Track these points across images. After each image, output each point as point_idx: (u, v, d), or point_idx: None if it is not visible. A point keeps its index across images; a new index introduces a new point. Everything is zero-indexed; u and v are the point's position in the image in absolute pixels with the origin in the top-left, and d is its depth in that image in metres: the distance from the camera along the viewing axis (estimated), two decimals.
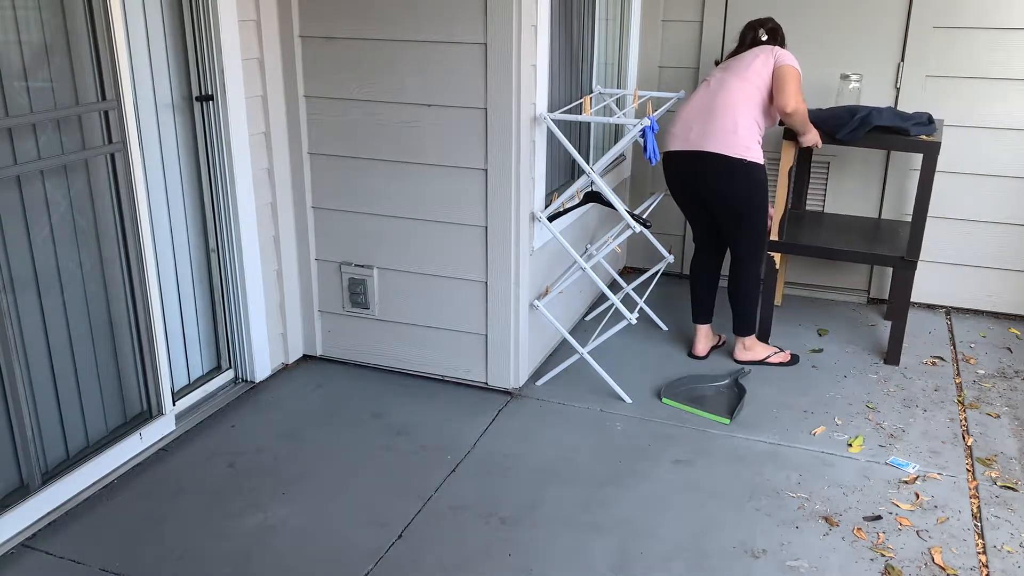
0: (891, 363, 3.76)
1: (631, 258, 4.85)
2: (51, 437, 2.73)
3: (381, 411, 3.34)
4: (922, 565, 2.52)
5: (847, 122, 3.65)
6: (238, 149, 3.17)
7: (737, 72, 3.47)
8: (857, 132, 3.63)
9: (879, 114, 3.64)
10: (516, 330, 3.38)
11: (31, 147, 2.51)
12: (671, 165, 3.59)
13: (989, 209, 4.18)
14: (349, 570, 2.47)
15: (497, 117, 3.11)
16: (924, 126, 3.64)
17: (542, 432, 3.21)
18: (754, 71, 3.44)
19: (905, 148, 3.68)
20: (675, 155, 3.55)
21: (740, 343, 3.75)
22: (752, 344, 3.74)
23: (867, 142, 3.67)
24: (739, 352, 3.75)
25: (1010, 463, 3.04)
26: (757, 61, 3.46)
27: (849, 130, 3.63)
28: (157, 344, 2.97)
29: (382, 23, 3.17)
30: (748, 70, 3.45)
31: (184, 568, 2.47)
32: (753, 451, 3.09)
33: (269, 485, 2.86)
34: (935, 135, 3.63)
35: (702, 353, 3.81)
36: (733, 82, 3.45)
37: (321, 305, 3.66)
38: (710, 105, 3.46)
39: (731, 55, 3.63)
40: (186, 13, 3.00)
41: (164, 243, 3.11)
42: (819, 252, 3.83)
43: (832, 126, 3.68)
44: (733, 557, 2.54)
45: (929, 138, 3.59)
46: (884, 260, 3.76)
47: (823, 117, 3.74)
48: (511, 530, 2.65)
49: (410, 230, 3.40)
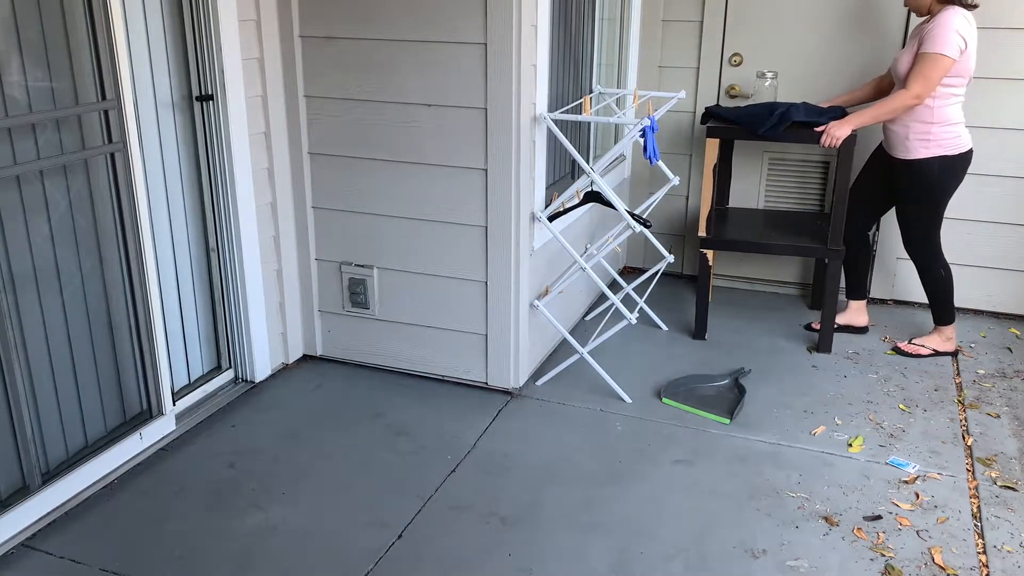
0: (823, 351, 3.88)
1: (631, 258, 4.85)
2: (51, 437, 2.73)
3: (381, 411, 3.34)
4: (922, 565, 2.52)
5: (766, 119, 3.76)
6: (238, 149, 3.17)
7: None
8: (777, 128, 3.74)
9: (796, 110, 3.77)
10: (516, 330, 3.38)
11: (31, 147, 2.51)
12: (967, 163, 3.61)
13: (989, 209, 4.18)
14: (349, 570, 2.47)
15: (497, 117, 3.11)
16: (838, 119, 3.77)
17: (542, 432, 3.21)
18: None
19: (820, 140, 3.77)
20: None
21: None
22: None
23: (787, 137, 3.78)
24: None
25: (1010, 463, 3.04)
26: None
27: (769, 126, 3.74)
28: (157, 344, 2.97)
29: (382, 23, 3.17)
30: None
31: (184, 568, 2.47)
32: (753, 451, 3.09)
33: (269, 485, 2.86)
34: None
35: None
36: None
37: (321, 305, 3.66)
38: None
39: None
40: (186, 13, 3.00)
41: (164, 243, 3.11)
42: (748, 247, 3.97)
43: (752, 123, 3.80)
44: (733, 557, 2.54)
45: None
46: (809, 251, 3.91)
47: (742, 115, 3.87)
48: (511, 530, 2.65)
49: (410, 230, 3.40)
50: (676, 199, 4.67)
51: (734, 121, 3.89)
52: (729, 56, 4.40)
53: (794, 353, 3.87)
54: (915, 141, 3.52)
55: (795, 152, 4.41)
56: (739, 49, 4.38)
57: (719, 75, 4.44)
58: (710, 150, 3.90)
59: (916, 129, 3.51)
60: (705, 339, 4.00)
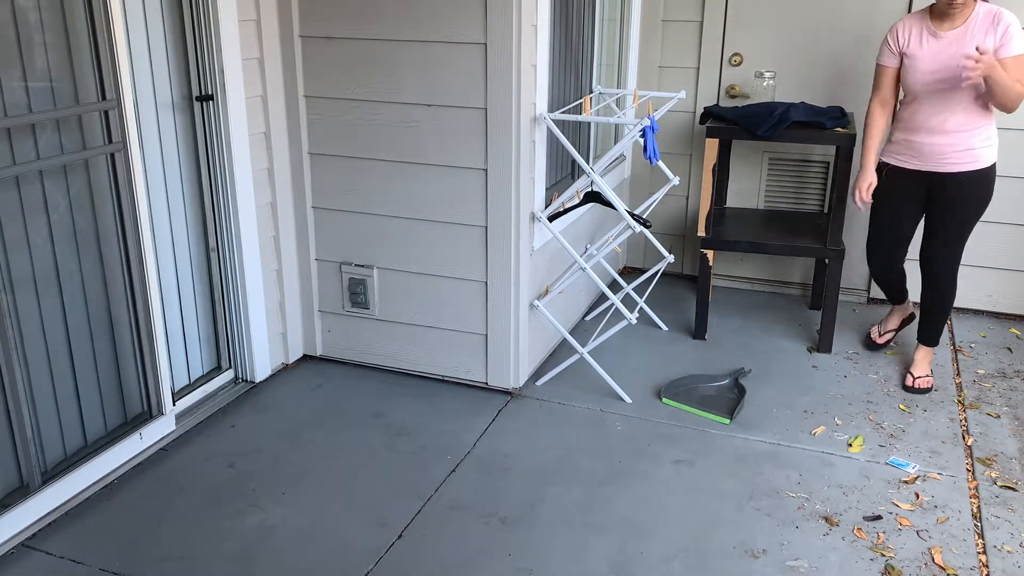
0: (823, 351, 3.87)
1: (631, 258, 4.85)
2: (51, 437, 2.73)
3: (381, 411, 3.34)
4: (922, 565, 2.52)
5: (766, 119, 3.77)
6: (238, 149, 3.17)
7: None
8: (776, 128, 3.74)
9: (796, 110, 3.80)
10: (516, 330, 3.38)
11: (31, 147, 2.51)
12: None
13: (989, 209, 4.16)
14: (349, 570, 2.47)
15: (497, 117, 3.11)
16: (838, 119, 3.81)
17: (542, 432, 3.21)
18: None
19: (821, 141, 3.83)
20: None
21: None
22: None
23: (787, 137, 3.79)
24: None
25: (1010, 463, 3.04)
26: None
27: (768, 126, 3.75)
28: (157, 344, 2.97)
29: (382, 23, 3.17)
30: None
31: (184, 568, 2.47)
32: (753, 451, 3.09)
33: (269, 485, 2.86)
34: (849, 127, 3.78)
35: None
36: None
37: (321, 305, 3.66)
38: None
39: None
40: (186, 13, 3.00)
41: (164, 243, 3.11)
42: (748, 247, 3.95)
43: (751, 123, 3.81)
44: (733, 557, 2.54)
45: (844, 130, 3.74)
46: (809, 251, 3.91)
47: (742, 115, 3.88)
48: (511, 530, 2.65)
49: (410, 230, 3.40)
50: (676, 199, 4.67)
51: (734, 121, 3.89)
52: (729, 56, 4.40)
53: (794, 353, 3.87)
54: (981, 149, 3.27)
55: (795, 152, 4.42)
56: (739, 49, 4.38)
57: (719, 75, 4.44)
58: (710, 150, 3.90)
59: (982, 134, 3.26)
60: (705, 339, 4.01)
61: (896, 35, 3.32)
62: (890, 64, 3.36)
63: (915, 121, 3.32)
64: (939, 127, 3.27)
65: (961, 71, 3.05)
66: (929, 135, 3.29)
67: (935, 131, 3.27)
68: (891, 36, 3.34)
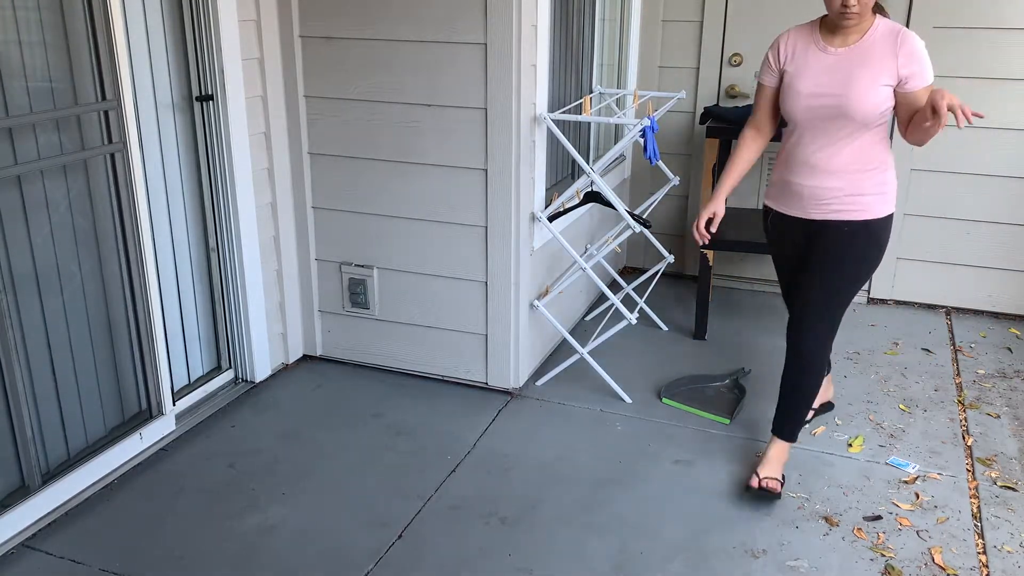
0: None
1: (631, 258, 4.85)
2: (51, 437, 2.73)
3: (381, 411, 3.34)
4: (922, 565, 2.52)
5: None
6: (238, 149, 3.17)
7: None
8: (776, 128, 3.70)
9: None
10: (516, 330, 3.38)
11: (31, 147, 2.51)
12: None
13: (989, 209, 4.18)
14: (349, 570, 2.47)
15: (497, 117, 3.11)
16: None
17: (542, 432, 3.21)
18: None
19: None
20: None
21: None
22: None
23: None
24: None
25: (1010, 463, 3.04)
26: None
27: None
28: (157, 344, 2.97)
29: (382, 23, 3.17)
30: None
31: (184, 568, 2.47)
32: (753, 451, 3.09)
33: (269, 485, 2.86)
34: None
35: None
36: None
37: (321, 305, 3.66)
38: None
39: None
40: (186, 13, 3.00)
41: (164, 243, 3.11)
42: (748, 247, 3.94)
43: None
44: (733, 557, 2.54)
45: None
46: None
47: (742, 115, 3.85)
48: (511, 530, 2.65)
49: (410, 230, 3.40)
50: (676, 199, 4.67)
51: (734, 121, 3.89)
52: (729, 56, 4.40)
53: None
54: (873, 196, 2.65)
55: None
56: (739, 49, 4.38)
57: (719, 75, 4.45)
58: (710, 150, 3.91)
59: (876, 178, 2.65)
60: (705, 339, 4.01)
61: (778, 48, 2.72)
62: (768, 83, 2.77)
63: (795, 157, 2.71)
64: (822, 165, 2.65)
65: (847, 102, 2.54)
66: (811, 175, 2.68)
67: (817, 170, 2.66)
68: (771, 50, 2.74)
